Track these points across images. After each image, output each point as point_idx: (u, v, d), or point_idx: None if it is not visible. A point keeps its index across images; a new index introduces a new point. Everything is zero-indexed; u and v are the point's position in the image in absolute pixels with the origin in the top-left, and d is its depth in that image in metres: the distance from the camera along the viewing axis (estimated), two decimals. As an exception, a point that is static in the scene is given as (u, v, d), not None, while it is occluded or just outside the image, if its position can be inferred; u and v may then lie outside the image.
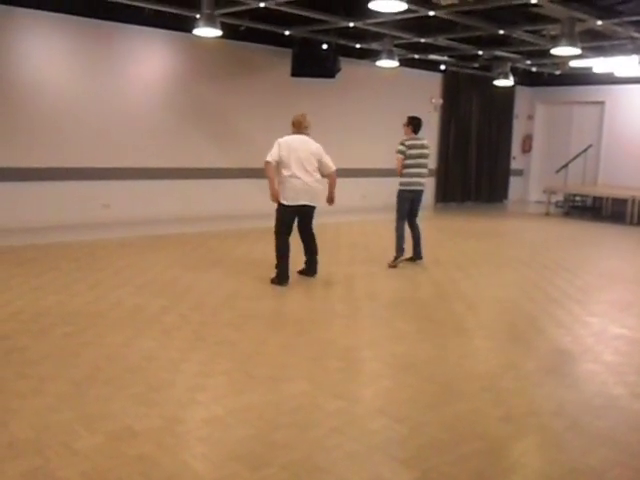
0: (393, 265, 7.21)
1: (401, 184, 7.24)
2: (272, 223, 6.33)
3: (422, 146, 7.26)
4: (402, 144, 7.19)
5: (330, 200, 6.46)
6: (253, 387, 3.70)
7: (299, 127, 6.40)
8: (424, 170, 7.31)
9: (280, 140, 6.22)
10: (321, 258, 6.58)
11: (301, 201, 6.15)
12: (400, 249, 7.25)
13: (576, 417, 3.45)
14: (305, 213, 6.30)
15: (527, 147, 16.16)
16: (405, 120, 7.39)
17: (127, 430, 3.10)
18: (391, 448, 3.02)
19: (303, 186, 6.11)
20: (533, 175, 16.12)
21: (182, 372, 3.89)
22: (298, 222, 6.36)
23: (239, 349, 4.36)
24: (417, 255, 7.49)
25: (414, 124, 7.31)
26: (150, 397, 3.50)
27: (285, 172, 6.09)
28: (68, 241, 8.03)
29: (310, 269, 6.53)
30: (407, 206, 7.28)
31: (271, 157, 6.09)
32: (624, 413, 3.53)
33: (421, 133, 7.39)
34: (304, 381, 3.81)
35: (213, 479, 2.71)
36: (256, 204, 10.94)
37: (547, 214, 13.14)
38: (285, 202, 6.14)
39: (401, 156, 7.14)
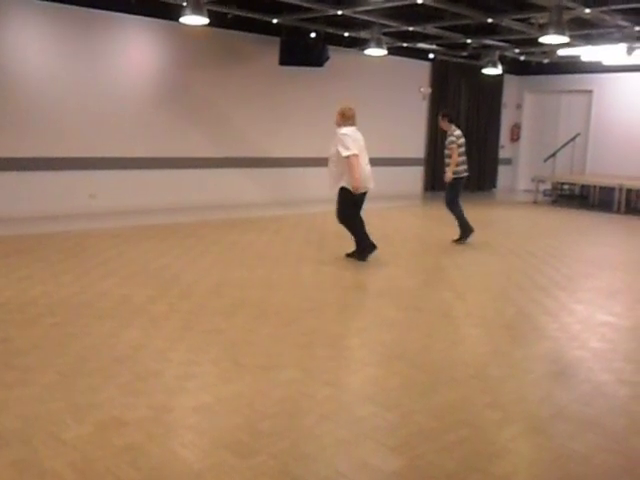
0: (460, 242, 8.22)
1: (455, 172, 8.00)
2: (267, 213, 6.30)
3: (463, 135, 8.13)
4: (452, 135, 7.94)
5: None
6: (242, 375, 3.70)
7: (351, 118, 6.70)
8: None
9: (348, 133, 6.58)
10: (310, 248, 6.58)
11: (368, 186, 6.76)
12: (467, 228, 8.20)
13: (563, 404, 3.47)
14: (363, 198, 6.85)
15: (515, 136, 16.19)
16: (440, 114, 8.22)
17: (115, 420, 3.09)
18: (380, 435, 3.03)
19: (368, 173, 6.72)
20: (521, 164, 16.17)
21: (170, 361, 3.88)
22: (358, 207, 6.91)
23: (228, 338, 4.36)
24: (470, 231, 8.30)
25: (450, 116, 8.13)
26: (138, 387, 3.49)
27: (360, 162, 6.59)
28: (55, 231, 7.98)
29: (371, 246, 6.91)
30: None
31: (351, 151, 6.49)
32: (610, 399, 3.56)
33: (411, 121, 7.49)
34: (293, 369, 3.81)
35: (202, 467, 2.70)
36: (244, 193, 10.95)
37: (535, 203, 13.19)
38: (355, 190, 6.62)
39: (455, 146, 7.91)
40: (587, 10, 8.33)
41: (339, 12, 9.11)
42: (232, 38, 10.48)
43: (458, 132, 7.99)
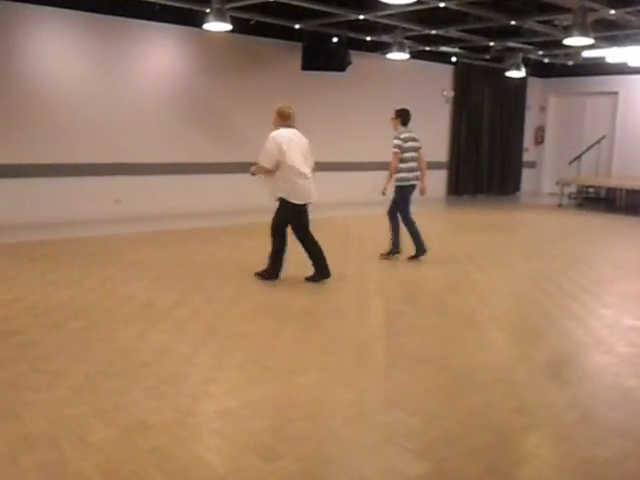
0: (411, 257, 7.20)
1: (400, 180, 7.13)
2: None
3: (414, 139, 7.15)
4: (397, 138, 7.04)
5: None
6: (266, 379, 3.71)
7: (289, 119, 5.90)
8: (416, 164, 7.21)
9: (277, 136, 5.75)
10: (332, 252, 6.57)
11: (310, 199, 5.91)
12: (420, 245, 7.19)
13: (589, 409, 3.43)
14: (307, 210, 6.02)
15: (539, 139, 16.05)
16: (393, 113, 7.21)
17: (141, 423, 3.12)
18: (404, 440, 3.02)
19: (310, 184, 5.87)
20: (546, 167, 16.01)
21: (195, 365, 3.91)
22: (304, 224, 6.06)
23: (252, 342, 4.37)
24: (396, 249, 7.31)
25: (404, 117, 7.13)
26: (163, 390, 3.51)
27: (293, 169, 5.73)
28: (80, 236, 8.08)
29: (324, 271, 6.10)
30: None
31: (269, 164, 5.76)
32: (638, 405, 3.51)
33: (434, 125, 7.37)
34: (317, 373, 3.81)
35: (227, 471, 2.72)
36: (268, 200, 10.98)
37: (560, 206, 13.05)
38: (296, 201, 5.83)
39: (397, 150, 7.01)
40: (612, 11, 8.23)
41: (361, 17, 9.12)
42: (254, 44, 10.54)
43: (406, 135, 7.04)
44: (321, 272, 6.09)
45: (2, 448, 2.85)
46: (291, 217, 5.94)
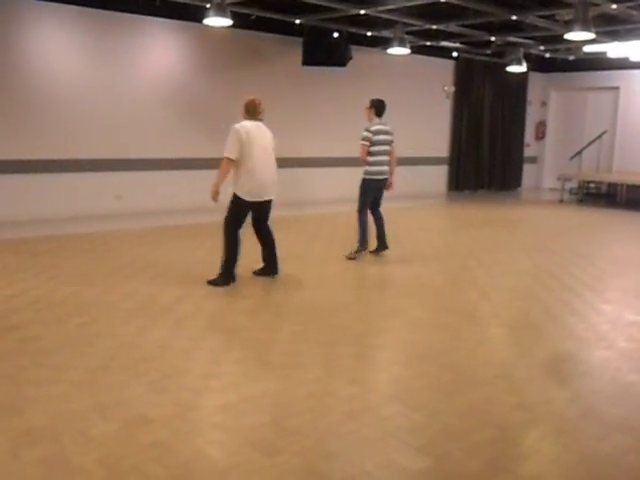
0: (352, 257, 6.88)
1: (367, 173, 6.90)
2: (291, 213, 6.28)
3: (387, 132, 6.91)
4: (366, 130, 6.80)
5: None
6: (266, 374, 3.71)
7: (255, 113, 5.66)
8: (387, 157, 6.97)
9: (238, 128, 5.54)
10: (333, 248, 6.57)
11: (265, 197, 5.69)
12: (364, 241, 6.91)
13: (590, 404, 3.43)
14: (266, 208, 5.80)
15: (540, 134, 16.02)
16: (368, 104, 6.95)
17: (141, 417, 3.12)
18: (405, 435, 3.02)
19: (267, 180, 5.64)
20: (547, 162, 15.98)
21: (195, 360, 3.91)
22: (257, 219, 5.85)
23: (252, 337, 4.37)
24: (383, 246, 7.14)
25: (378, 107, 6.88)
26: (164, 385, 3.52)
27: (247, 165, 5.53)
28: (81, 232, 8.08)
29: (272, 268, 5.99)
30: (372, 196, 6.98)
31: (231, 153, 5.53)
32: (639, 400, 3.51)
33: (434, 120, 7.30)
34: (318, 368, 3.81)
35: (227, 465, 2.72)
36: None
37: (561, 201, 13.03)
38: (247, 198, 5.60)
39: (365, 143, 6.78)
40: (613, 6, 8.20)
41: (362, 11, 9.09)
42: (255, 39, 10.52)
43: (377, 127, 6.79)
44: (268, 269, 6.00)
45: (3, 442, 2.85)
46: (240, 213, 5.70)
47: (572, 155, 13.79)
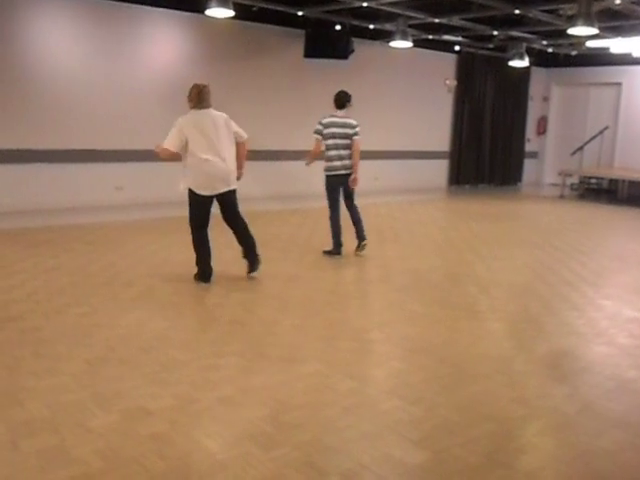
0: (327, 252, 6.73)
1: (327, 169, 6.62)
2: (289, 206, 6.28)
3: (343, 125, 6.55)
4: (319, 123, 6.58)
5: (239, 176, 5.57)
6: (265, 367, 3.72)
7: (200, 100, 5.44)
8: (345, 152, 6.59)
9: (180, 122, 5.39)
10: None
11: (219, 189, 5.37)
12: (337, 245, 6.66)
13: (589, 400, 3.43)
14: (227, 200, 5.50)
15: (542, 129, 15.99)
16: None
17: (141, 409, 3.13)
18: (403, 429, 3.03)
19: (220, 171, 5.30)
20: (548, 157, 15.96)
21: (195, 352, 3.91)
22: (222, 213, 5.61)
23: (252, 330, 4.38)
24: (361, 239, 6.82)
25: (341, 100, 6.60)
26: (163, 377, 3.52)
27: (195, 156, 5.26)
28: (82, 223, 8.08)
29: (251, 265, 5.67)
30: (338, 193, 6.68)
31: (171, 146, 5.34)
32: (637, 396, 3.51)
33: (436, 114, 7.23)
34: (317, 362, 3.82)
35: (226, 458, 2.72)
36: (267, 186, 10.97)
37: (562, 197, 13.03)
38: (200, 192, 5.34)
39: (317, 136, 6.56)
40: (617, 1, 8.18)
41: (364, 4, 9.06)
42: (257, 31, 10.48)
43: (329, 120, 6.53)
44: (249, 266, 5.70)
45: (3, 433, 2.86)
46: (199, 209, 5.44)
47: (573, 150, 13.76)
